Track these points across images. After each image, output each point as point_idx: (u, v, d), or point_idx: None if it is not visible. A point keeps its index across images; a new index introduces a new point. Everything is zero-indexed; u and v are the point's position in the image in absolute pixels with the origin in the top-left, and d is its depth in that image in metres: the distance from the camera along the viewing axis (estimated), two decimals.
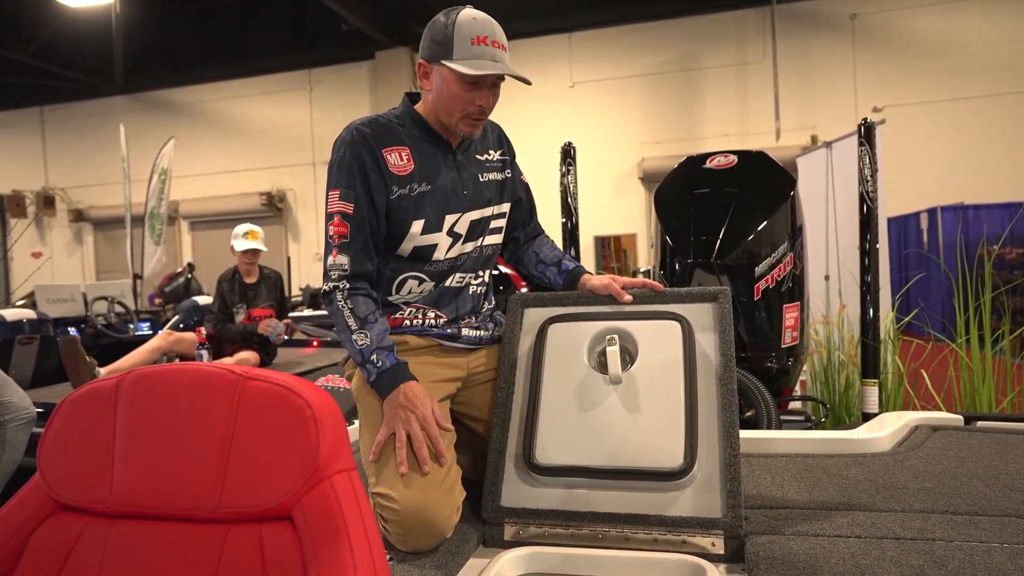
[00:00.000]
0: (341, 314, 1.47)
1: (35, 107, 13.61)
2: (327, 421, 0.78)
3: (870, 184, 2.60)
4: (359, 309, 1.47)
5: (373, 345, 1.44)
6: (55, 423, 0.84)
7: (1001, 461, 1.64)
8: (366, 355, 1.43)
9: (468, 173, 1.59)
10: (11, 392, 2.33)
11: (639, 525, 1.34)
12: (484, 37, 1.42)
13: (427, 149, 1.55)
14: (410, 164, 1.51)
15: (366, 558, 0.74)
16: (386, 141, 1.51)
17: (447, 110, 1.49)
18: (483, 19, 1.45)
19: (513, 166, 1.73)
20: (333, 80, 12.14)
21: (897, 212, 8.71)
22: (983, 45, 9.57)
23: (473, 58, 1.42)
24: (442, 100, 1.48)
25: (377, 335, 1.45)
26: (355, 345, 1.44)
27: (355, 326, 1.45)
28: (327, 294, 1.51)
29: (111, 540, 0.79)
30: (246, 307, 4.22)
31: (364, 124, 1.51)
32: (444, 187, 1.54)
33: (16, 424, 2.31)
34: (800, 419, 2.74)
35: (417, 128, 1.55)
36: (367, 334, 1.44)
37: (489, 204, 1.63)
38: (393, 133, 1.53)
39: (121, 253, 10.87)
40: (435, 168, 1.54)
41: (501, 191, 1.67)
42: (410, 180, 1.51)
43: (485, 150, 1.66)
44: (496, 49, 1.44)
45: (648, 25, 10.71)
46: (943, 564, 1.14)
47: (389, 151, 1.50)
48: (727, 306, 1.54)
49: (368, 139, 1.49)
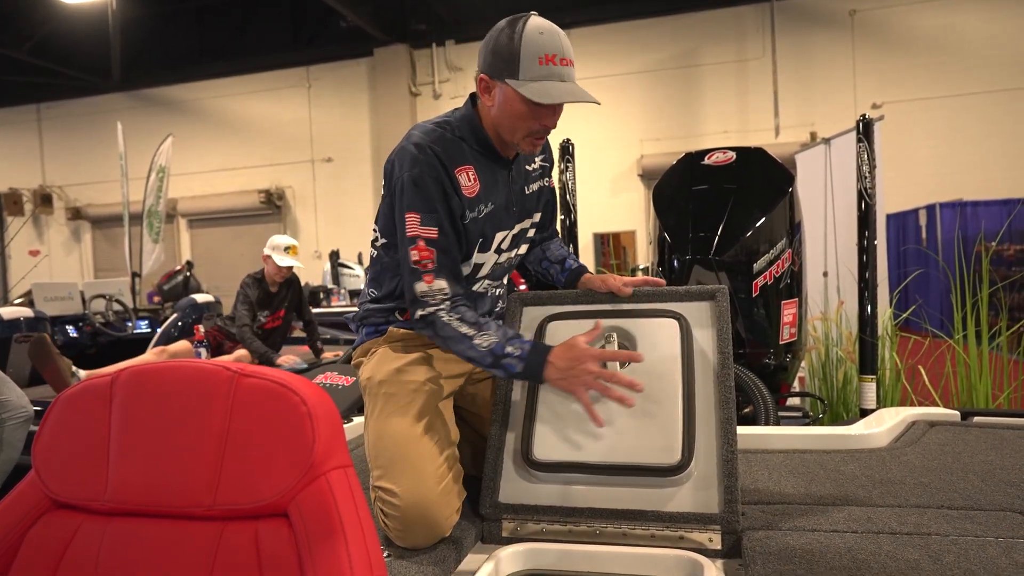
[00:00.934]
0: (451, 327, 1.41)
1: (32, 104, 13.57)
2: (322, 418, 0.78)
3: (868, 181, 2.60)
4: (467, 316, 1.42)
5: (502, 340, 1.39)
6: (50, 420, 0.84)
7: (997, 456, 1.65)
8: (498, 352, 1.38)
9: (517, 187, 1.57)
10: (8, 391, 2.32)
11: (637, 521, 1.34)
12: (552, 56, 1.34)
13: (488, 167, 1.49)
14: (476, 185, 1.46)
15: (362, 554, 0.74)
16: (456, 161, 1.44)
17: (510, 128, 1.43)
18: (550, 33, 1.36)
19: (549, 173, 1.70)
20: (332, 77, 12.12)
21: (896, 209, 8.72)
22: (982, 42, 9.57)
23: (542, 79, 1.34)
24: (505, 118, 1.42)
25: (499, 331, 1.41)
26: (480, 349, 1.39)
27: (472, 332, 1.40)
28: (425, 318, 1.43)
29: (107, 537, 0.79)
30: (268, 313, 4.23)
31: (433, 141, 1.42)
32: (500, 206, 1.51)
33: (13, 423, 2.30)
34: (798, 415, 2.74)
35: (478, 143, 1.48)
36: (488, 334, 1.40)
37: (530, 215, 1.61)
38: (460, 151, 1.45)
39: (119, 251, 10.86)
40: (496, 187, 1.50)
41: (538, 200, 1.65)
42: (477, 202, 1.46)
43: (531, 159, 1.63)
44: (564, 68, 1.36)
45: (647, 22, 10.69)
46: (938, 558, 1.15)
47: (460, 171, 1.44)
48: (724, 304, 1.54)
49: (440, 158, 1.41)
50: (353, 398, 2.63)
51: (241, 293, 4.14)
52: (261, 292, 4.16)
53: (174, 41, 12.26)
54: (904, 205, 8.80)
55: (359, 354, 1.60)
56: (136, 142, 10.41)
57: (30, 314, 4.33)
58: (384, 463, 1.39)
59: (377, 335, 1.58)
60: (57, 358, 3.52)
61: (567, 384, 1.37)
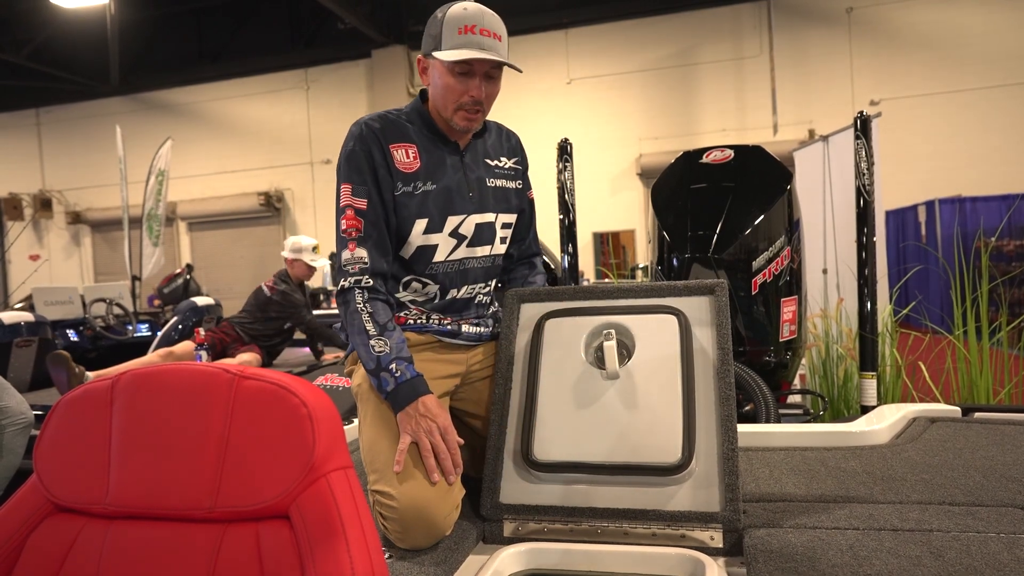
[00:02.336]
0: (359, 316, 1.43)
1: (31, 109, 13.58)
2: (323, 419, 0.78)
3: (867, 177, 2.60)
4: (379, 315, 1.44)
5: (392, 355, 1.41)
6: (51, 425, 0.84)
7: (998, 452, 1.65)
8: (383, 363, 1.40)
9: (475, 176, 1.58)
10: (8, 397, 2.32)
11: (638, 520, 1.34)
12: (472, 26, 1.41)
13: (434, 148, 1.53)
14: (416, 162, 1.50)
15: (363, 556, 0.74)
16: (394, 137, 1.50)
17: (443, 102, 1.48)
18: (474, 9, 1.44)
19: (525, 178, 1.71)
20: (330, 79, 12.12)
21: (895, 205, 8.72)
22: (979, 37, 9.57)
23: (460, 47, 1.41)
24: (438, 92, 1.48)
25: (396, 344, 1.42)
26: (371, 351, 1.41)
27: (374, 331, 1.42)
28: (344, 291, 1.46)
29: (108, 541, 0.79)
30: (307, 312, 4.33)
31: (373, 119, 1.50)
32: (449, 187, 1.53)
33: (13, 429, 2.30)
34: (798, 412, 2.74)
35: (425, 126, 1.54)
36: (386, 342, 1.41)
37: (495, 210, 1.61)
38: (402, 130, 1.51)
39: (119, 255, 10.87)
40: (441, 168, 1.53)
41: (509, 199, 1.66)
42: (415, 178, 1.50)
43: (497, 155, 1.65)
44: (485, 37, 1.42)
45: (645, 21, 10.70)
46: (940, 554, 1.15)
47: (396, 147, 1.49)
48: (724, 299, 1.53)
49: (376, 133, 1.48)
50: (353, 400, 2.62)
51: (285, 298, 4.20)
52: (303, 294, 4.28)
53: (172, 45, 12.26)
54: (903, 201, 8.80)
55: (351, 362, 1.61)
56: (135, 146, 10.41)
57: (31, 318, 4.33)
58: (380, 467, 1.39)
59: None
60: (72, 372, 3.55)
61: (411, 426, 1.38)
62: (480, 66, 1.43)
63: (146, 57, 12.30)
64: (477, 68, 1.43)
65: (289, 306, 4.19)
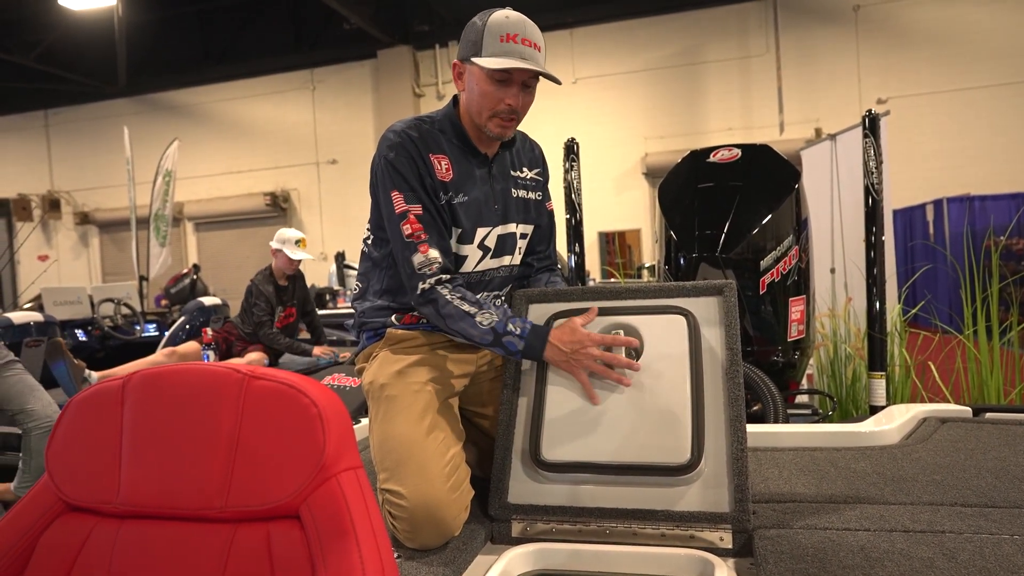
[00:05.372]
0: (452, 304, 1.44)
1: (39, 111, 13.67)
2: (333, 419, 0.78)
3: (875, 176, 2.58)
4: (468, 296, 1.46)
5: (502, 319, 1.43)
6: (62, 424, 0.84)
7: (1010, 453, 1.63)
8: (500, 330, 1.42)
9: (500, 187, 1.59)
10: (35, 400, 2.37)
11: (647, 520, 1.34)
12: (514, 35, 1.41)
13: (464, 160, 1.54)
14: (449, 173, 1.51)
15: (373, 555, 0.74)
16: (431, 147, 1.50)
17: (477, 108, 1.48)
18: (516, 18, 1.44)
19: (545, 189, 1.73)
20: (335, 80, 12.15)
21: (903, 204, 8.66)
22: (987, 35, 9.50)
23: (501, 55, 1.41)
24: (473, 99, 1.48)
25: (498, 310, 1.45)
26: (481, 327, 1.42)
27: (473, 310, 1.44)
28: (426, 292, 1.46)
29: (119, 540, 0.80)
30: (281, 309, 4.22)
31: (410, 127, 1.50)
32: (478, 199, 1.54)
33: (39, 432, 2.36)
34: (807, 413, 2.73)
35: (456, 136, 1.54)
36: (490, 312, 1.44)
37: (516, 220, 1.62)
38: (436, 140, 1.52)
39: (127, 255, 10.92)
40: (471, 180, 1.54)
41: (529, 210, 1.67)
42: (449, 189, 1.51)
43: (520, 166, 1.66)
44: (526, 47, 1.42)
45: (650, 20, 10.67)
46: (953, 556, 1.14)
47: (434, 157, 1.50)
48: (732, 299, 1.53)
49: (416, 143, 1.48)
50: (362, 399, 2.63)
51: (254, 290, 4.11)
52: (274, 288, 4.16)
53: (179, 46, 12.31)
54: (911, 200, 8.74)
55: (361, 359, 1.61)
56: (142, 146, 10.46)
57: (40, 318, 4.35)
58: (390, 465, 1.39)
59: (377, 339, 1.59)
60: (70, 362, 3.56)
61: (567, 366, 1.43)
62: (519, 75, 1.44)
63: (153, 59, 12.36)
64: (516, 77, 1.44)
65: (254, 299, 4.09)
